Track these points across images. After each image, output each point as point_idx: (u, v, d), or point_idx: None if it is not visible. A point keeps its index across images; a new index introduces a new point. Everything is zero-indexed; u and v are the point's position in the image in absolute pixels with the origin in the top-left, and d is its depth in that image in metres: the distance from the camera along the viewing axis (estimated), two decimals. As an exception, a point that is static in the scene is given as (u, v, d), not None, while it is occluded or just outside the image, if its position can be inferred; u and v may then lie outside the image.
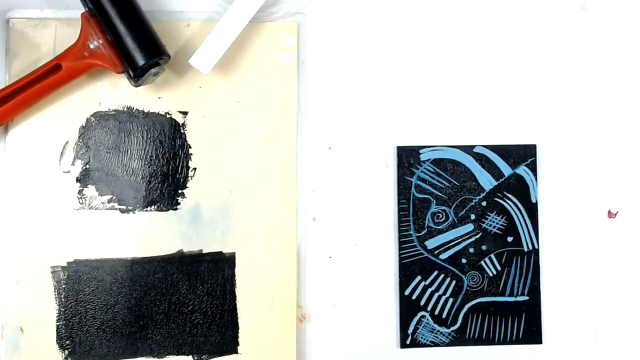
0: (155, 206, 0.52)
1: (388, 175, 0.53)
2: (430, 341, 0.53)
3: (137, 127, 0.52)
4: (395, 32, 0.54)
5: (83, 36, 0.50)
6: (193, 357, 0.51)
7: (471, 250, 0.53)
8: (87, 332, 0.50)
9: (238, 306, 0.51)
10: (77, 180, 0.52)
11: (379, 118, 0.53)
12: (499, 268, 0.53)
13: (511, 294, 0.53)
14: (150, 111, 0.52)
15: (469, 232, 0.53)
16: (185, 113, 0.53)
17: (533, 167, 0.54)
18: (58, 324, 0.50)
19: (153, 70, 0.50)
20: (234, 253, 0.52)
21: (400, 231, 0.53)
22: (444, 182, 0.53)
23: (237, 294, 0.51)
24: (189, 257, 0.51)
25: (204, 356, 0.51)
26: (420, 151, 0.53)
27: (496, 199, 0.53)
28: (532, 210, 0.54)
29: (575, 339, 0.52)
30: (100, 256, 0.51)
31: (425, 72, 0.54)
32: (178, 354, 0.51)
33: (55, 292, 0.51)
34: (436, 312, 0.53)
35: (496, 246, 0.53)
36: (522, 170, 0.54)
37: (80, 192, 0.52)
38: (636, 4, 0.55)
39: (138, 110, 0.52)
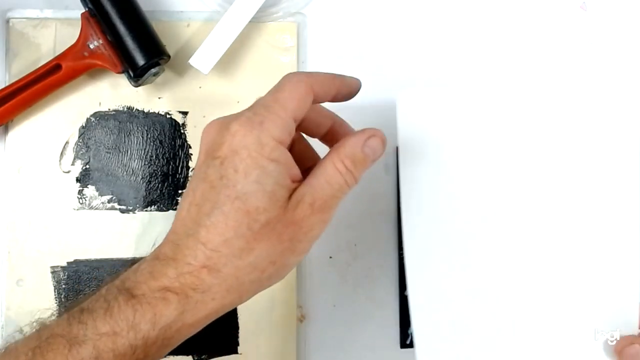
0: (155, 206, 0.52)
1: (388, 175, 0.53)
2: (430, 341, 0.53)
3: (137, 127, 0.52)
4: (395, 33, 0.54)
5: (83, 36, 0.50)
6: (193, 357, 0.51)
7: (471, 250, 0.53)
8: (87, 332, 0.50)
9: (238, 306, 0.51)
10: (77, 180, 0.52)
11: (378, 118, 0.53)
12: (499, 268, 0.53)
13: (511, 294, 0.53)
14: (150, 111, 0.52)
15: (469, 232, 0.53)
16: (185, 113, 0.53)
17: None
18: (58, 324, 0.50)
19: (153, 70, 0.50)
20: (234, 253, 0.52)
21: (400, 231, 0.53)
22: (444, 182, 0.53)
23: (237, 294, 0.51)
24: (189, 257, 0.51)
25: (203, 356, 0.51)
26: (421, 151, 0.53)
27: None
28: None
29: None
30: (100, 256, 0.51)
31: (425, 73, 0.54)
32: (178, 354, 0.51)
33: (55, 292, 0.51)
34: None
35: (496, 246, 0.53)
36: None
37: (80, 192, 0.52)
38: (636, 4, 0.55)
39: (138, 110, 0.52)
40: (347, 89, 0.41)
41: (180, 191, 0.52)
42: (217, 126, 0.37)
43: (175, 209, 0.52)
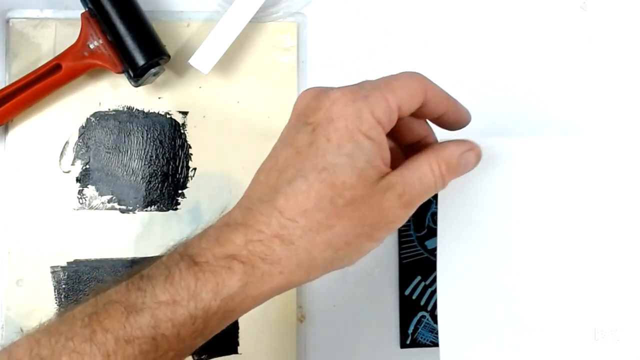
0: (155, 206, 0.52)
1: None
2: (431, 341, 0.53)
3: (137, 127, 0.52)
4: (396, 33, 0.54)
5: (83, 36, 0.50)
6: (193, 357, 0.51)
7: (471, 250, 0.53)
8: (87, 332, 0.50)
9: (238, 306, 0.51)
10: (77, 180, 0.52)
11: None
12: (499, 268, 0.53)
13: (511, 294, 0.53)
14: (150, 111, 0.52)
15: (469, 232, 0.53)
16: (185, 113, 0.53)
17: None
18: (58, 324, 0.50)
19: (153, 70, 0.50)
20: (234, 253, 0.52)
21: (400, 231, 0.53)
22: (444, 182, 0.53)
23: (237, 294, 0.51)
24: (189, 257, 0.51)
25: (203, 356, 0.51)
26: (421, 151, 0.53)
27: (496, 199, 0.54)
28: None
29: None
30: (100, 256, 0.51)
31: (425, 73, 0.54)
32: (178, 354, 0.51)
33: (55, 292, 0.50)
34: (436, 312, 0.53)
35: (496, 246, 0.53)
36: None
37: (80, 192, 0.52)
38: (636, 4, 0.55)
39: (138, 110, 0.52)
40: (455, 114, 0.39)
41: (180, 191, 0.52)
42: (314, 92, 0.36)
43: (175, 209, 0.52)
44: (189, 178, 0.52)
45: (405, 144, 0.39)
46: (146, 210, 0.52)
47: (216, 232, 0.34)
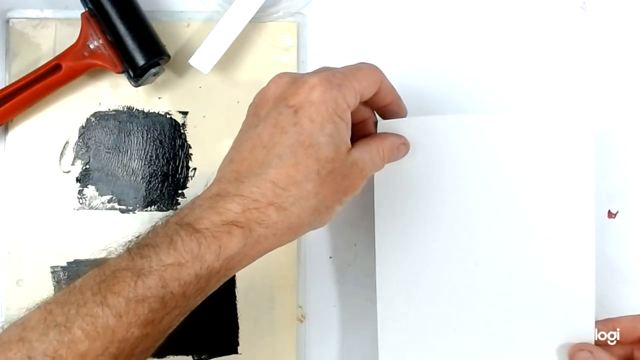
0: (156, 206, 0.52)
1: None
2: (430, 341, 0.53)
3: (137, 127, 0.52)
4: (396, 33, 0.54)
5: (83, 36, 0.50)
6: (193, 357, 0.51)
7: (471, 250, 0.53)
8: (87, 332, 0.50)
9: (238, 306, 0.51)
10: (77, 180, 0.52)
11: (378, 118, 0.53)
12: (499, 268, 0.53)
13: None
14: (150, 111, 0.52)
15: (468, 232, 0.54)
16: (185, 113, 0.53)
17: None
18: (58, 324, 0.50)
19: (153, 70, 0.50)
20: (234, 253, 0.52)
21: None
22: (443, 182, 0.54)
23: (237, 294, 0.51)
24: (189, 257, 0.51)
25: (203, 356, 0.51)
26: (420, 151, 0.54)
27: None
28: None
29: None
30: (101, 256, 0.51)
31: (424, 73, 0.54)
32: (177, 354, 0.51)
33: (55, 292, 0.50)
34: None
35: (496, 246, 0.54)
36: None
37: (80, 192, 0.52)
38: (636, 4, 0.55)
39: (138, 110, 0.52)
40: (397, 107, 0.46)
41: (180, 191, 0.52)
42: (288, 78, 0.41)
43: (175, 209, 0.52)
44: (189, 178, 0.52)
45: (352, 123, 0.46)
46: (146, 210, 0.52)
47: (209, 202, 0.39)
